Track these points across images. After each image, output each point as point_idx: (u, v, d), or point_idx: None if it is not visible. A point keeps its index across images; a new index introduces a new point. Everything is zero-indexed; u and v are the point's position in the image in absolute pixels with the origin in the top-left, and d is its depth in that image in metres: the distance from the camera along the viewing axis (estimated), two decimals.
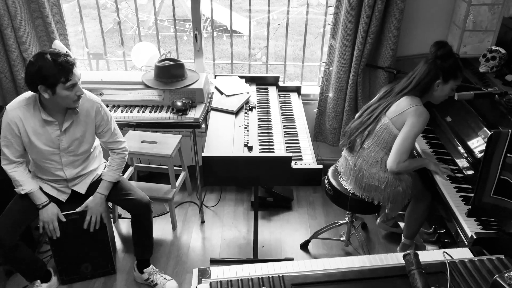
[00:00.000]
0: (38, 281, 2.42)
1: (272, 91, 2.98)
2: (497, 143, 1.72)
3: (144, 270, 2.52)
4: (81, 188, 2.40)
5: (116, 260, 2.71)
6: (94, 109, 2.24)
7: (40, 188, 2.28)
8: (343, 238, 2.76)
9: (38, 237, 2.74)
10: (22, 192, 2.22)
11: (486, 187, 1.77)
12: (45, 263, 2.45)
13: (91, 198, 2.34)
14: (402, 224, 2.84)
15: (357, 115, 2.44)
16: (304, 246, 2.86)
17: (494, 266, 1.48)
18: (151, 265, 2.55)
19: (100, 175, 2.44)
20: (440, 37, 2.80)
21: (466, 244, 1.92)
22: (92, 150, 2.39)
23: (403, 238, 2.62)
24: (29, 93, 2.14)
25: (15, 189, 2.25)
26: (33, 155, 2.24)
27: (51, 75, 1.96)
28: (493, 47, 2.58)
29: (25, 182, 2.23)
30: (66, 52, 2.05)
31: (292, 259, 2.74)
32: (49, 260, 2.63)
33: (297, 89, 3.05)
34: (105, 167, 2.44)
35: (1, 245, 2.15)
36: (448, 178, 2.25)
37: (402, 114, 2.17)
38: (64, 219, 2.30)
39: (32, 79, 1.98)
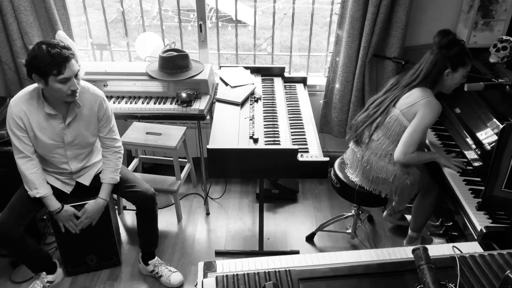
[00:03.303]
0: (44, 272, 2.43)
1: (278, 82, 2.94)
2: (509, 136, 1.68)
3: (149, 262, 2.52)
4: (86, 180, 2.38)
5: (121, 252, 2.71)
6: (97, 103, 2.21)
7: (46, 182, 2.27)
8: (349, 231, 2.74)
9: (43, 229, 2.74)
10: (37, 196, 2.18)
11: (497, 181, 1.73)
12: (50, 255, 2.46)
13: (92, 202, 2.31)
14: (408, 217, 2.82)
15: (363, 109, 2.40)
16: (309, 239, 2.84)
17: (505, 261, 1.45)
18: (156, 257, 2.55)
19: None
20: (449, 27, 2.74)
21: (475, 237, 1.89)
22: (96, 142, 2.37)
23: (410, 231, 2.59)
24: (31, 87, 2.12)
25: (27, 191, 2.20)
26: (38, 149, 2.21)
27: (42, 65, 1.93)
28: (504, 37, 2.52)
29: (41, 185, 2.19)
30: (66, 45, 2.00)
31: (297, 252, 2.73)
32: (54, 251, 2.64)
33: (303, 80, 3.01)
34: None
35: (6, 237, 2.15)
36: (460, 171, 2.21)
37: (414, 106, 2.13)
38: (80, 215, 2.29)
39: (27, 66, 1.97)
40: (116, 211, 2.93)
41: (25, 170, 2.16)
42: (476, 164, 2.23)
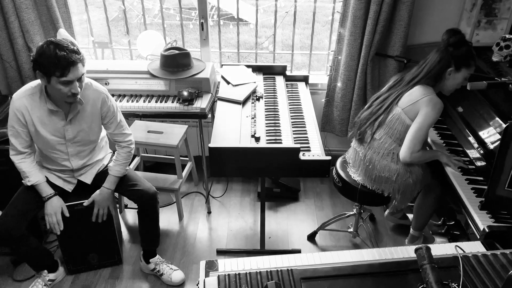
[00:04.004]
0: (45, 271, 2.42)
1: (280, 80, 2.94)
2: None
3: (150, 260, 2.52)
4: (87, 178, 2.38)
5: (123, 251, 2.71)
6: (100, 99, 2.21)
7: (47, 179, 2.27)
8: (351, 230, 2.74)
9: (45, 228, 2.73)
10: (29, 184, 2.21)
11: (500, 180, 1.72)
12: (52, 253, 2.45)
13: (97, 192, 2.32)
14: (410, 216, 2.81)
15: (366, 106, 2.39)
16: (311, 238, 2.84)
17: (508, 260, 1.45)
18: (157, 255, 2.54)
19: (107, 165, 2.43)
20: (452, 25, 2.73)
21: (478, 236, 1.89)
22: (99, 141, 2.37)
23: (411, 229, 2.59)
24: (35, 82, 2.12)
25: (22, 181, 2.23)
26: (39, 145, 2.22)
27: (46, 64, 1.92)
28: (507, 35, 2.51)
29: (32, 173, 2.21)
30: (76, 48, 1.97)
31: (299, 251, 2.72)
32: (56, 250, 2.64)
33: (304, 79, 3.00)
34: (110, 161, 2.41)
35: (8, 236, 2.15)
36: (459, 170, 2.21)
37: (416, 104, 2.12)
38: (67, 214, 2.28)
39: (33, 62, 1.96)
40: (118, 210, 2.93)
41: (16, 161, 2.20)
42: (478, 163, 2.22)
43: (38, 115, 2.11)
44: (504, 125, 2.08)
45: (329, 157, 2.20)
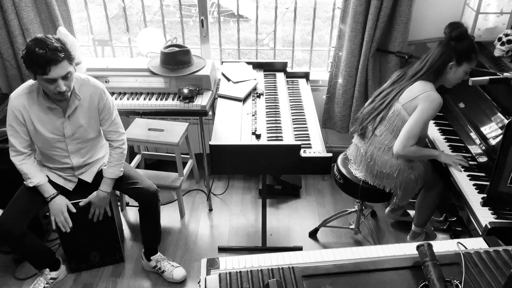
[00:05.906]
0: (47, 269, 2.43)
1: (280, 77, 2.93)
2: None
3: (152, 258, 2.52)
4: (88, 176, 2.38)
5: (124, 248, 2.71)
6: (97, 95, 2.20)
7: (48, 178, 2.26)
8: (352, 227, 2.74)
9: (46, 226, 2.74)
10: (31, 185, 2.20)
11: (502, 176, 1.72)
12: (53, 252, 2.46)
13: (94, 194, 2.31)
14: (412, 212, 2.80)
15: (369, 100, 2.38)
16: (312, 234, 2.83)
17: (511, 257, 1.44)
18: (158, 253, 2.54)
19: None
20: (453, 20, 2.72)
21: (480, 233, 1.88)
22: (99, 138, 2.36)
23: (413, 226, 2.58)
24: (32, 81, 2.11)
25: (24, 182, 2.23)
26: (38, 144, 2.21)
27: (27, 62, 1.91)
28: (509, 30, 2.49)
29: (33, 174, 2.20)
30: (59, 46, 1.91)
31: (300, 248, 2.72)
32: (57, 248, 2.64)
33: (305, 75, 3.00)
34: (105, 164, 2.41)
35: (9, 234, 2.15)
36: (462, 169, 2.19)
37: (414, 100, 2.11)
38: (74, 210, 2.28)
39: (22, 58, 1.94)
40: (119, 208, 2.93)
41: (16, 162, 2.19)
42: (480, 159, 2.22)
43: (37, 113, 2.10)
44: (506, 121, 2.07)
45: (330, 154, 2.20)
